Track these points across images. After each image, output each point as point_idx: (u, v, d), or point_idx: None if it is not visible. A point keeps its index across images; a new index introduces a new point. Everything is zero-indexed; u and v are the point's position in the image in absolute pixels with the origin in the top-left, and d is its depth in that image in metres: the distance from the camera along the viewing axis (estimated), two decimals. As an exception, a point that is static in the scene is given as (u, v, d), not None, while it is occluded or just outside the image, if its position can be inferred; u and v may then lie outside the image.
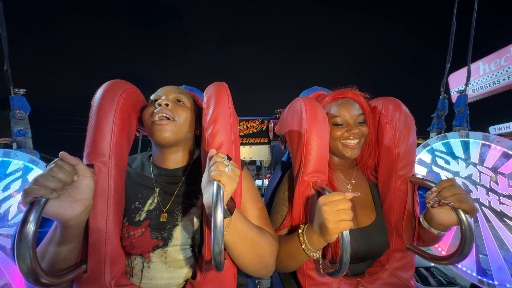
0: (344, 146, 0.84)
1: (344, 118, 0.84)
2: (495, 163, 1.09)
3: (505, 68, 8.21)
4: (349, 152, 0.84)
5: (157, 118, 0.71)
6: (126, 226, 0.68)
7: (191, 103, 0.81)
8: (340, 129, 0.84)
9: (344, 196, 0.60)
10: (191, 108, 0.80)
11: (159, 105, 0.72)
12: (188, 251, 0.69)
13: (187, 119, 0.76)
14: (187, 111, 0.76)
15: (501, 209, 1.05)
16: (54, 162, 0.54)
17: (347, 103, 0.86)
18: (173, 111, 0.73)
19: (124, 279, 0.65)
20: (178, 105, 0.76)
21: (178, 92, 0.79)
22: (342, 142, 0.84)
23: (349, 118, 0.84)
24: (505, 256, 1.02)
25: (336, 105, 0.87)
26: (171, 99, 0.76)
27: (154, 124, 0.71)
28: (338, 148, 0.85)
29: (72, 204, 0.55)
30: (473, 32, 1.43)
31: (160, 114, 0.71)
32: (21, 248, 0.45)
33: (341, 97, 0.88)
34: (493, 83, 8.57)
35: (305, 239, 0.66)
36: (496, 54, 8.49)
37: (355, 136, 0.83)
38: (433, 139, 1.28)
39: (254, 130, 1.47)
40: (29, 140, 1.20)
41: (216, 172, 0.52)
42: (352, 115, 0.84)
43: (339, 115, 0.84)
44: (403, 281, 0.81)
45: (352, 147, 0.83)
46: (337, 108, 0.86)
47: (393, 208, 0.83)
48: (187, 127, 0.77)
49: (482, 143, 1.13)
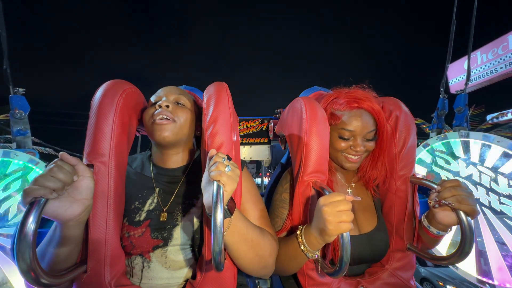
0: (345, 158, 0.82)
1: (352, 133, 0.79)
2: (495, 163, 1.09)
3: (502, 57, 8.29)
4: (348, 165, 0.82)
5: (157, 119, 0.71)
6: (126, 226, 0.68)
7: (192, 104, 0.81)
8: (345, 142, 0.81)
9: (345, 197, 0.60)
10: (191, 109, 0.80)
11: (159, 106, 0.72)
12: (188, 251, 0.69)
13: (188, 120, 0.76)
14: (187, 112, 0.76)
15: (501, 209, 1.05)
16: (54, 162, 0.54)
17: (360, 117, 0.78)
18: (174, 113, 0.73)
19: (124, 279, 0.65)
20: (178, 107, 0.76)
21: (179, 93, 0.79)
22: (345, 154, 0.82)
23: (358, 133, 0.78)
24: (505, 256, 1.02)
25: (348, 115, 0.79)
26: (172, 101, 0.76)
27: (154, 124, 0.71)
28: (338, 158, 0.83)
29: (72, 205, 0.55)
30: (472, 33, 1.42)
31: (161, 116, 0.71)
32: (21, 248, 0.45)
33: (356, 106, 0.79)
34: (490, 72, 8.66)
35: (304, 240, 0.65)
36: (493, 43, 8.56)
37: (357, 153, 0.80)
38: (433, 139, 1.28)
39: (254, 130, 1.47)
40: (29, 139, 1.19)
41: (216, 172, 0.52)
42: (362, 132, 0.78)
43: (348, 129, 0.78)
44: (403, 281, 0.81)
45: (352, 161, 0.81)
46: (349, 120, 0.78)
47: (393, 208, 0.83)
48: (187, 128, 0.77)
49: (482, 143, 1.13)
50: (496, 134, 1.12)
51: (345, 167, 0.83)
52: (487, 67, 8.73)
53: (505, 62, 8.24)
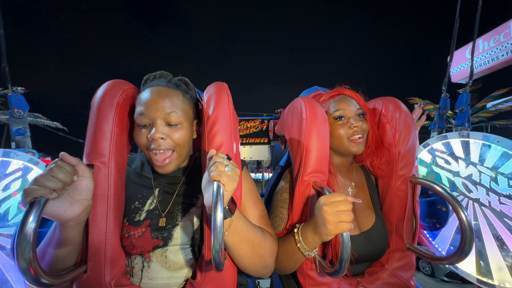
0: (350, 141, 0.83)
1: (343, 111, 0.84)
2: (495, 163, 1.09)
3: (504, 44, 8.20)
4: (355, 147, 0.83)
5: (155, 154, 0.66)
6: (126, 226, 0.68)
7: (186, 109, 0.71)
8: (342, 125, 0.83)
9: (345, 197, 0.60)
10: (187, 118, 0.70)
11: (152, 139, 0.64)
12: (188, 251, 0.69)
13: (186, 137, 0.70)
14: (184, 130, 0.69)
15: (501, 209, 1.05)
16: (54, 162, 0.54)
17: (344, 99, 0.86)
18: (171, 140, 0.67)
19: (124, 279, 0.65)
20: (173, 130, 0.67)
21: (170, 111, 0.65)
22: (349, 139, 0.83)
23: (348, 112, 0.84)
24: (505, 256, 1.02)
25: (333, 102, 0.87)
26: (165, 124, 0.66)
27: (152, 156, 0.67)
28: (343, 145, 0.84)
29: (72, 205, 0.55)
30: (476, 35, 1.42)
31: (157, 151, 0.66)
32: (21, 248, 0.45)
33: (337, 94, 0.89)
34: (492, 60, 8.57)
35: (300, 238, 0.66)
36: (495, 31, 8.46)
37: (358, 131, 0.82)
38: (433, 139, 1.28)
39: (254, 130, 1.47)
40: (28, 139, 1.18)
41: (216, 172, 0.52)
42: (351, 110, 0.84)
43: (338, 109, 0.84)
44: (403, 281, 0.81)
45: (358, 141, 0.83)
46: (335, 104, 0.86)
47: (394, 208, 0.83)
48: (187, 147, 0.73)
49: (482, 143, 1.13)
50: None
51: (353, 151, 0.83)
52: (489, 54, 8.61)
53: (506, 49, 8.13)
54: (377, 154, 0.88)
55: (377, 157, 0.88)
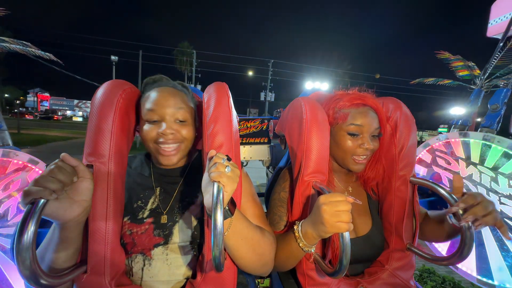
0: (353, 159, 0.80)
1: (361, 128, 0.77)
2: (495, 163, 1.09)
3: None
4: (355, 166, 0.80)
5: (163, 147, 0.70)
6: (128, 224, 0.68)
7: (192, 109, 0.77)
8: (353, 140, 0.79)
9: (345, 197, 0.60)
10: (192, 117, 0.77)
11: (163, 134, 0.69)
12: (188, 250, 0.69)
13: (192, 135, 0.75)
14: (189, 128, 0.74)
15: (501, 209, 1.05)
16: (55, 163, 0.54)
17: (367, 113, 0.78)
18: (180, 135, 0.72)
19: (124, 279, 0.65)
20: (181, 126, 0.72)
21: (178, 108, 0.71)
22: (353, 157, 0.79)
23: (366, 130, 0.78)
24: (505, 256, 1.02)
25: (355, 112, 0.79)
26: (174, 121, 0.71)
27: (159, 150, 0.71)
28: (344, 160, 0.81)
29: (71, 206, 0.55)
30: None
31: (166, 145, 0.70)
32: (21, 249, 0.44)
33: (362, 103, 0.80)
34: None
35: (301, 234, 0.66)
36: None
37: (366, 151, 0.79)
38: (433, 139, 1.28)
39: (254, 130, 1.47)
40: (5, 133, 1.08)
41: (216, 173, 0.52)
42: (370, 128, 0.78)
43: (357, 124, 0.77)
44: (403, 281, 0.81)
45: (360, 162, 0.80)
46: (355, 116, 0.78)
47: (393, 208, 0.83)
48: (191, 143, 0.76)
49: (483, 143, 1.13)
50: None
51: (352, 169, 0.81)
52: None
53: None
54: (373, 168, 0.87)
55: (372, 170, 0.87)
